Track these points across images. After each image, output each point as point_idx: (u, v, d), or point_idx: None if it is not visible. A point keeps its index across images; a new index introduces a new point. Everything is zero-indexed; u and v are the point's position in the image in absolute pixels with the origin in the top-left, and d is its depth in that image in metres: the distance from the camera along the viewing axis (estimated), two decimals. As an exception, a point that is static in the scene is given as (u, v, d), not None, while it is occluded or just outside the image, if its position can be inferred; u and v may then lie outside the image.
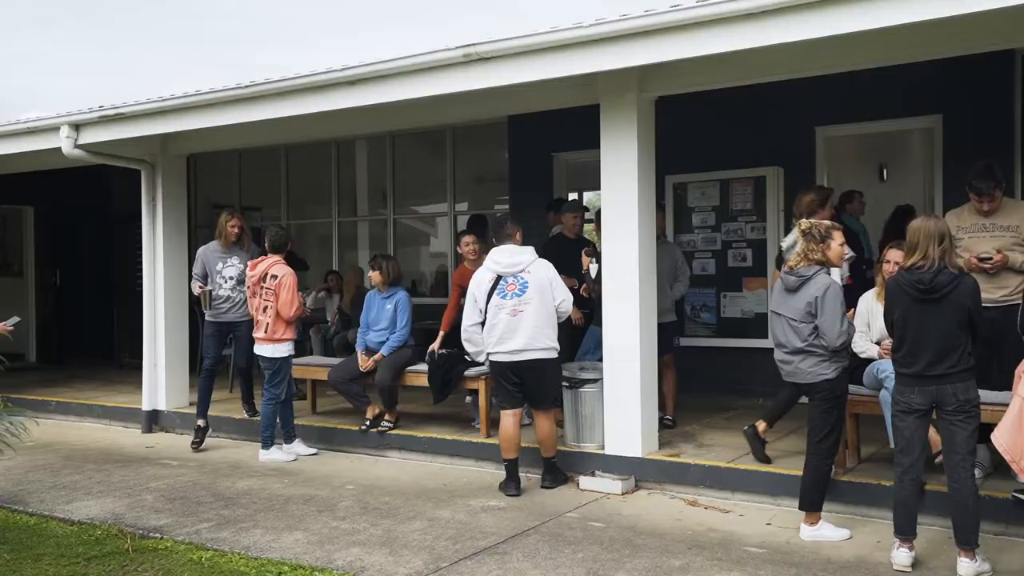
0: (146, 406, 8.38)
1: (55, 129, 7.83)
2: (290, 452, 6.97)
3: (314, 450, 7.07)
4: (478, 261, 6.85)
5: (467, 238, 7.14)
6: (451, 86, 5.79)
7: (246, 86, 6.67)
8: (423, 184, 11.09)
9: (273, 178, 11.79)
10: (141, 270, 8.61)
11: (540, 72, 5.45)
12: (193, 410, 7.81)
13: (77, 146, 7.80)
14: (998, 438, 4.07)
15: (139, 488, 6.10)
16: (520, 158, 9.59)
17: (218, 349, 7.70)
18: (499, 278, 5.75)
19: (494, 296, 5.72)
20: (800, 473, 4.82)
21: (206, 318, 7.66)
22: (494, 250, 5.91)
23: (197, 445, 7.34)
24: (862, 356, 5.35)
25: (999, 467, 4.89)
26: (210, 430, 7.49)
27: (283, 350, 6.85)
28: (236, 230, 7.65)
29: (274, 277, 6.79)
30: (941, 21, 4.30)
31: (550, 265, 5.85)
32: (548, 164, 9.40)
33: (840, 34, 4.54)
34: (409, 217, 11.22)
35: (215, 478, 6.34)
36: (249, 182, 12.15)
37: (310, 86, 6.38)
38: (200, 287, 7.51)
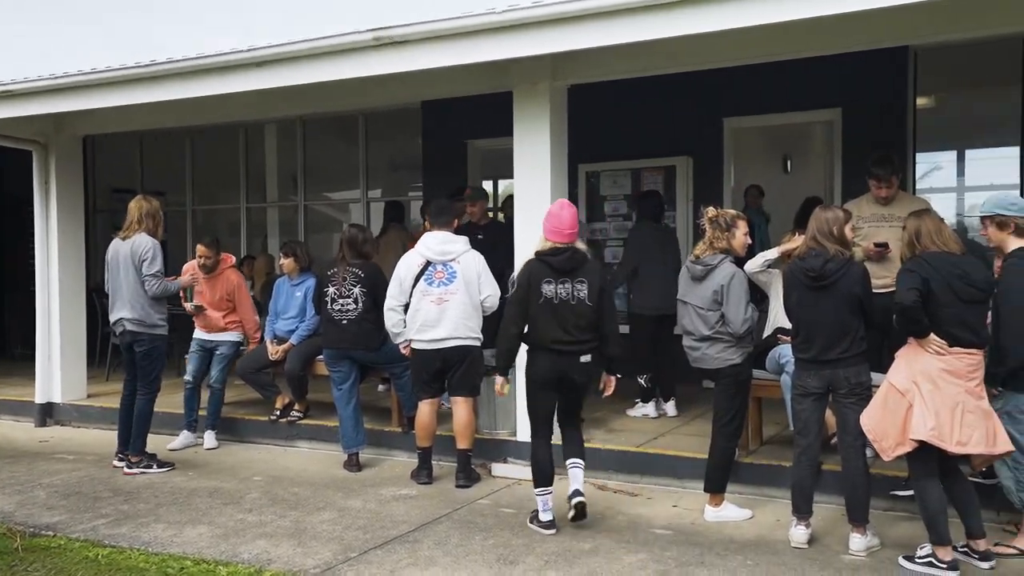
0: (39, 399, 8.01)
1: (-66, 106, 7.36)
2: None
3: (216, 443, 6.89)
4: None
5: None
6: (362, 70, 5.67)
7: (146, 65, 6.40)
8: (335, 170, 10.89)
9: (178, 162, 11.39)
10: (33, 256, 8.21)
11: (452, 58, 5.39)
12: (91, 402, 7.48)
13: (-40, 124, 7.37)
14: (865, 421, 4.17)
15: (31, 484, 5.83)
16: (433, 145, 9.50)
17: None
18: (428, 264, 5.59)
19: (420, 282, 5.55)
20: (706, 456, 4.94)
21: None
22: (427, 234, 5.75)
23: None
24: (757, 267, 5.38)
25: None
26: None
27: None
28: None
29: None
30: (844, 16, 4.44)
31: (481, 258, 5.66)
32: (462, 152, 9.35)
33: (746, 26, 4.63)
34: (321, 203, 11.01)
35: (114, 472, 6.11)
36: (152, 166, 11.71)
37: (216, 66, 6.16)
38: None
